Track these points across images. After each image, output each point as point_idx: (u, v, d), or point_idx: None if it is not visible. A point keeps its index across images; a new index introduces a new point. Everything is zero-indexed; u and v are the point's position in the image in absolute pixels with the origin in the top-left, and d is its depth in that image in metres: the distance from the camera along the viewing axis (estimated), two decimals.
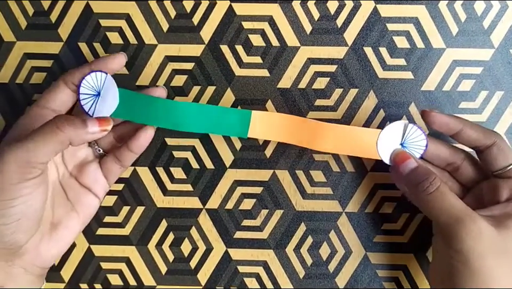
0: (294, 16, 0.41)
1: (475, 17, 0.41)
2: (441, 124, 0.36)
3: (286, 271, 0.42)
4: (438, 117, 0.36)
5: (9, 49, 0.42)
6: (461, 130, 0.35)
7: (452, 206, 0.33)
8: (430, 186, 0.33)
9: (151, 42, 0.42)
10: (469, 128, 0.35)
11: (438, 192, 0.33)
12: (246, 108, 0.41)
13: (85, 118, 0.35)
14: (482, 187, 0.37)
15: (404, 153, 0.36)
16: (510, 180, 0.35)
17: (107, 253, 0.42)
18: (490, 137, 0.35)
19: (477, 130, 0.36)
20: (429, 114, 0.36)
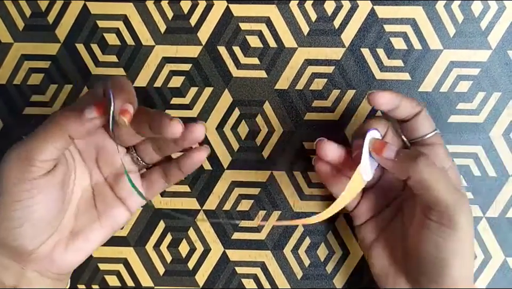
0: (291, 17, 0.41)
1: (472, 18, 0.41)
2: (387, 104, 0.34)
3: (284, 272, 0.42)
4: (387, 96, 0.34)
5: (6, 50, 0.42)
6: (399, 106, 0.34)
7: (450, 180, 0.33)
8: (428, 160, 0.32)
9: (148, 44, 0.42)
10: (404, 101, 0.34)
11: (435, 166, 0.33)
12: (244, 109, 0.41)
13: (84, 106, 0.31)
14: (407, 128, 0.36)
15: (380, 142, 0.35)
16: (429, 146, 0.35)
17: (105, 254, 0.42)
18: (418, 106, 0.35)
19: (411, 100, 0.35)
20: (377, 96, 0.33)
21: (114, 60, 0.42)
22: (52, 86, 0.42)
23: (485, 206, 0.41)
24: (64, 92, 0.42)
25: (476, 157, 0.41)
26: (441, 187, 0.32)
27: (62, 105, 0.42)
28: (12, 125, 0.42)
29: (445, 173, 0.33)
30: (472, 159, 0.41)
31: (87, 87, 0.42)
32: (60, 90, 0.42)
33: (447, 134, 0.41)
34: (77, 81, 0.42)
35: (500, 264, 0.41)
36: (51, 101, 0.42)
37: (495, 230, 0.41)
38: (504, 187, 0.41)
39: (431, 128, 0.36)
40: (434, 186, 0.32)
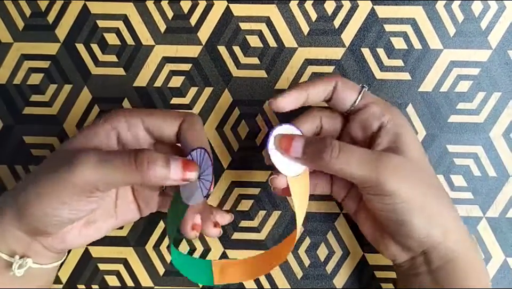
0: (292, 17, 0.41)
1: (472, 18, 0.41)
2: (291, 104, 0.34)
3: (284, 272, 0.42)
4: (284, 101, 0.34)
5: (6, 50, 0.42)
6: (307, 97, 0.34)
7: (362, 156, 0.32)
8: (333, 151, 0.32)
9: (148, 43, 0.42)
10: (312, 88, 0.34)
11: (342, 151, 0.32)
12: (244, 108, 0.41)
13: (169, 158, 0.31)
14: (353, 127, 0.36)
15: (286, 137, 0.34)
16: (363, 110, 0.35)
17: (104, 254, 0.42)
18: (330, 82, 0.35)
19: (318, 84, 0.34)
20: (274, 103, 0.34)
21: (114, 60, 0.42)
22: (51, 86, 0.42)
23: (485, 206, 0.41)
24: (64, 92, 0.42)
25: (476, 157, 0.41)
26: (354, 169, 0.32)
27: (62, 105, 0.42)
28: (12, 125, 0.42)
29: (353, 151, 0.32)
30: (472, 159, 0.41)
31: (87, 87, 0.42)
32: (60, 90, 0.42)
33: (447, 134, 0.41)
34: (77, 81, 0.42)
35: (500, 264, 0.41)
36: (51, 100, 0.42)
37: (495, 230, 0.41)
38: (504, 187, 0.41)
39: (355, 93, 0.35)
40: (348, 172, 0.32)
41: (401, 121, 0.35)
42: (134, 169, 0.30)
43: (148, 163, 0.30)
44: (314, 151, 0.33)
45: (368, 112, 0.35)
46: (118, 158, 0.30)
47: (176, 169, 0.31)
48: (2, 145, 0.42)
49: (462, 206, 0.41)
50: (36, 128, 0.42)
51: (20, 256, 0.33)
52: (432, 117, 0.41)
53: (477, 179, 0.41)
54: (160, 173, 0.30)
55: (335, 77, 0.35)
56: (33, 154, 0.42)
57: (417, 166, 0.33)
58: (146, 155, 0.30)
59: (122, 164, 0.30)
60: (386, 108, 0.35)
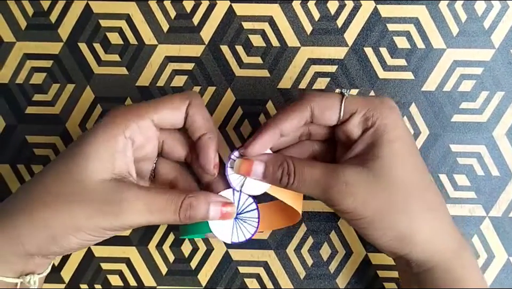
0: (294, 17, 0.41)
1: (476, 17, 0.41)
2: (263, 147, 0.34)
3: (287, 271, 0.42)
4: (255, 148, 0.33)
5: (9, 49, 0.42)
6: (281, 132, 0.33)
7: (314, 176, 0.32)
8: (288, 178, 0.33)
9: (151, 43, 0.42)
10: (284, 123, 0.33)
11: (296, 174, 0.32)
12: (247, 108, 0.41)
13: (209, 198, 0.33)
14: (339, 134, 0.35)
15: (245, 162, 0.34)
16: (349, 121, 0.33)
17: (107, 254, 0.42)
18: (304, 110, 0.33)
19: (290, 116, 0.33)
20: (245, 152, 0.34)
21: (117, 59, 0.42)
22: (54, 85, 0.42)
23: (488, 205, 0.41)
24: (67, 91, 0.42)
25: (479, 156, 0.41)
26: (308, 190, 0.33)
27: (64, 104, 0.42)
28: (15, 124, 0.42)
29: (306, 172, 0.32)
30: (476, 159, 0.41)
31: (90, 87, 0.42)
32: (63, 89, 0.42)
33: (450, 133, 0.41)
34: (80, 80, 0.42)
35: (503, 264, 0.41)
36: (53, 100, 0.42)
37: (498, 229, 0.41)
38: (507, 186, 0.41)
39: (336, 111, 0.33)
40: (304, 192, 0.33)
41: (382, 131, 0.32)
42: (177, 216, 0.31)
43: (191, 212, 0.32)
44: (273, 177, 0.33)
45: (350, 123, 0.33)
46: (166, 206, 0.31)
47: (215, 211, 0.33)
48: (5, 145, 0.42)
49: (465, 206, 0.41)
50: (38, 128, 0.42)
51: (26, 274, 0.33)
52: (435, 117, 0.41)
53: (480, 179, 0.41)
54: (200, 218, 0.32)
55: (308, 100, 0.33)
56: (36, 154, 0.42)
57: (378, 180, 0.32)
58: (189, 203, 0.32)
59: (169, 213, 0.31)
60: (369, 114, 0.33)
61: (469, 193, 0.41)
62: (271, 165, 0.34)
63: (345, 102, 0.33)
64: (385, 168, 0.32)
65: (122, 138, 0.32)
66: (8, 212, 0.31)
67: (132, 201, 0.30)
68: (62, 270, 0.42)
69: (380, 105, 0.33)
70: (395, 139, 0.32)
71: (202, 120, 0.33)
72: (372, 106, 0.33)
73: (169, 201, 0.31)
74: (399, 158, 0.32)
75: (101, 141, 0.31)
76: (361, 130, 0.33)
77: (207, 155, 0.33)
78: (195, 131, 0.34)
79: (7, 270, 0.32)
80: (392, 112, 0.33)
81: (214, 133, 0.34)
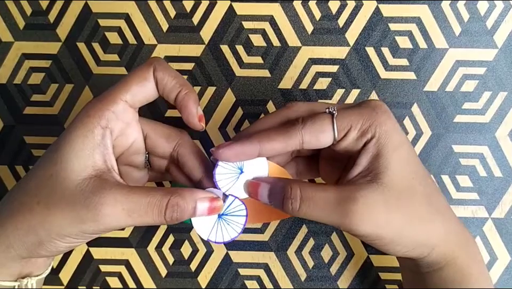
0: (295, 16, 0.41)
1: (478, 17, 0.40)
2: (235, 156, 0.31)
3: (288, 273, 0.41)
4: (227, 152, 0.31)
5: (7, 49, 0.41)
6: (260, 150, 0.31)
7: (327, 203, 0.30)
8: (293, 202, 0.30)
9: (151, 42, 0.41)
10: (266, 143, 0.31)
11: (304, 201, 0.30)
12: (247, 108, 0.41)
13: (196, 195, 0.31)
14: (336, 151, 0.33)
15: (251, 185, 0.33)
16: (345, 138, 0.31)
17: (106, 255, 0.42)
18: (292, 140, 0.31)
19: (275, 140, 0.31)
20: (216, 151, 0.31)
21: (116, 59, 0.41)
22: (52, 86, 0.41)
23: (491, 206, 0.41)
24: (65, 92, 0.41)
25: (482, 157, 0.41)
26: (320, 217, 0.30)
27: (63, 105, 0.41)
28: (12, 125, 0.42)
29: (317, 198, 0.30)
30: (478, 159, 0.41)
31: (88, 87, 0.41)
32: (61, 89, 0.41)
33: (452, 134, 0.41)
34: (78, 80, 0.41)
35: (506, 265, 0.41)
36: (52, 100, 0.42)
37: (501, 231, 0.41)
38: (510, 188, 0.41)
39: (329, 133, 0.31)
40: (314, 218, 0.31)
41: (384, 138, 0.31)
42: (163, 218, 0.30)
43: (178, 213, 0.30)
44: (278, 200, 0.31)
45: (348, 140, 0.31)
46: (147, 209, 0.30)
47: (202, 208, 0.31)
48: (3, 145, 0.42)
49: (467, 207, 0.41)
50: (36, 128, 0.42)
51: (23, 276, 0.33)
52: (438, 117, 0.41)
53: (483, 180, 0.41)
54: (187, 216, 0.31)
55: (297, 128, 0.31)
56: (34, 155, 0.42)
57: (393, 193, 0.31)
58: (175, 204, 0.30)
59: (151, 216, 0.30)
60: (366, 126, 0.31)
61: (471, 195, 0.41)
62: (276, 188, 0.32)
63: (337, 121, 0.31)
64: (397, 177, 0.31)
65: (99, 129, 0.30)
66: (1, 218, 0.31)
67: (111, 204, 0.29)
68: (60, 272, 0.42)
69: (373, 113, 0.31)
70: (399, 145, 0.31)
71: (171, 80, 0.32)
72: (366, 117, 0.31)
73: (151, 204, 0.30)
74: (406, 164, 0.32)
75: (77, 138, 0.30)
76: (362, 144, 0.32)
77: (188, 110, 0.32)
78: (169, 93, 0.32)
79: (5, 274, 0.32)
80: (387, 116, 0.32)
81: (188, 87, 0.32)
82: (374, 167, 0.31)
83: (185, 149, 0.34)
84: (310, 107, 0.33)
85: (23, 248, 0.30)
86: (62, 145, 0.30)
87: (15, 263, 0.32)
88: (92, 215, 0.29)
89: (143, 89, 0.32)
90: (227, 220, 0.33)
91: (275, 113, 0.33)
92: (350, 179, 0.32)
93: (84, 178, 0.30)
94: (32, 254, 0.31)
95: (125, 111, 0.32)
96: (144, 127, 0.34)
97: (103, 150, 0.31)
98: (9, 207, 0.31)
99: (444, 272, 0.32)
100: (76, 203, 0.29)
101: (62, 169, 0.30)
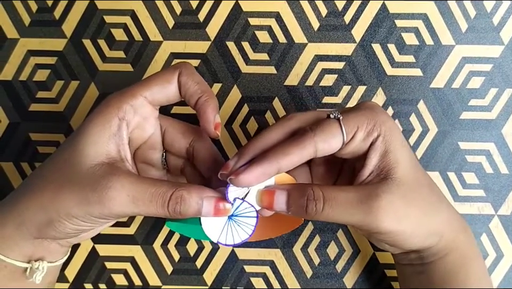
0: (301, 13, 0.41)
1: (485, 13, 0.40)
2: (256, 179, 0.30)
3: (293, 270, 0.41)
4: (247, 177, 0.30)
5: (12, 46, 0.41)
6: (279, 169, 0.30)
7: (350, 202, 0.30)
8: (317, 204, 0.30)
9: (156, 39, 0.41)
10: (284, 160, 0.30)
11: (327, 202, 0.30)
12: (253, 105, 0.41)
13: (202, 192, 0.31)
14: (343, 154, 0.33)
15: (266, 194, 0.32)
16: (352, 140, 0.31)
17: (112, 253, 0.42)
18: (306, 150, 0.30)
19: (291, 154, 0.30)
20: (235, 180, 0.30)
21: (122, 56, 0.41)
22: (58, 82, 0.41)
23: (497, 203, 0.41)
24: (71, 88, 0.41)
25: (488, 154, 0.41)
26: (345, 217, 0.30)
27: (68, 102, 0.41)
28: (18, 122, 0.42)
29: (339, 197, 0.30)
30: (485, 156, 0.41)
31: (94, 84, 0.41)
32: (67, 86, 0.41)
33: (459, 131, 0.41)
34: (84, 77, 0.41)
35: None
36: (57, 97, 0.41)
37: (507, 228, 0.41)
38: None
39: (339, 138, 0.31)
40: (338, 220, 0.31)
41: (389, 136, 0.32)
42: (166, 210, 0.30)
43: (181, 206, 0.30)
44: (298, 205, 0.31)
45: (355, 141, 0.32)
46: (151, 198, 0.30)
47: (208, 207, 0.31)
48: (8, 142, 0.42)
49: (474, 204, 0.41)
50: (42, 125, 0.42)
51: (35, 259, 0.33)
52: (444, 114, 0.41)
53: (489, 177, 0.41)
54: (192, 213, 0.31)
55: (311, 137, 0.30)
56: (40, 152, 0.42)
57: (407, 187, 0.31)
58: (179, 196, 0.30)
59: (155, 206, 0.30)
60: (371, 125, 0.31)
61: (477, 191, 0.41)
62: (295, 192, 0.31)
63: (344, 124, 0.31)
64: (407, 171, 0.32)
65: (116, 120, 0.32)
66: (15, 198, 0.32)
67: (117, 189, 0.30)
68: (66, 269, 0.41)
69: (373, 113, 0.32)
70: (403, 141, 0.32)
71: (194, 85, 0.32)
72: (369, 117, 0.32)
73: (156, 194, 0.30)
74: (412, 157, 0.33)
75: (95, 126, 0.31)
76: (369, 143, 0.32)
77: (206, 116, 0.32)
78: (190, 98, 0.33)
79: (17, 254, 0.33)
80: (386, 115, 0.32)
81: (209, 94, 0.33)
82: (385, 164, 0.31)
83: (200, 144, 0.34)
84: (313, 116, 0.33)
85: (34, 227, 0.31)
86: (80, 132, 0.32)
87: (27, 243, 0.32)
88: (97, 197, 0.30)
89: (164, 90, 0.32)
90: (237, 221, 0.33)
91: (278, 125, 0.32)
92: (362, 181, 0.32)
93: (96, 164, 0.31)
94: (42, 233, 0.32)
95: (143, 106, 0.33)
96: (162, 122, 0.35)
97: (118, 141, 0.32)
98: (25, 187, 0.32)
99: (447, 258, 0.33)
100: (85, 185, 0.30)
101: (77, 154, 0.31)
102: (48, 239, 0.33)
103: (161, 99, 0.33)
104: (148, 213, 0.30)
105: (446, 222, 0.33)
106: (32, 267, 0.33)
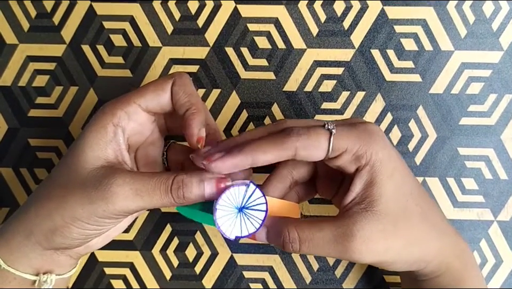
0: (300, 18, 0.41)
1: (484, 19, 0.40)
2: (227, 169, 0.31)
3: (292, 276, 0.41)
4: (220, 165, 0.31)
5: (11, 51, 0.41)
6: (252, 162, 0.31)
7: (327, 240, 0.31)
8: (293, 244, 0.31)
9: (155, 45, 0.41)
10: (260, 155, 0.30)
11: (303, 242, 0.31)
12: (252, 111, 0.41)
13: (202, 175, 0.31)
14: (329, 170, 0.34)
15: None
16: (339, 158, 0.32)
17: (111, 258, 0.42)
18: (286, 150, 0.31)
19: (268, 151, 0.31)
20: (208, 165, 0.31)
21: (121, 61, 0.41)
22: (57, 88, 0.41)
23: (496, 209, 0.41)
24: (70, 94, 0.41)
25: (487, 160, 0.41)
26: (323, 252, 0.31)
27: (67, 107, 0.41)
28: (17, 127, 0.42)
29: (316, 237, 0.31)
30: (484, 162, 0.41)
31: (93, 89, 0.41)
32: (66, 92, 0.41)
33: (458, 136, 0.40)
34: (83, 83, 0.41)
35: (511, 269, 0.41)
36: (56, 103, 0.41)
37: (507, 233, 0.41)
38: None
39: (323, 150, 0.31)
40: (317, 254, 0.32)
41: (378, 166, 0.31)
42: (170, 196, 0.31)
43: (184, 190, 0.31)
44: (277, 243, 0.32)
45: (341, 160, 0.31)
46: (154, 187, 0.31)
47: (210, 187, 0.31)
48: (7, 148, 0.42)
49: (473, 210, 0.41)
50: (41, 131, 0.42)
51: (44, 272, 0.34)
52: (443, 119, 0.41)
53: (488, 182, 0.41)
54: (195, 196, 0.31)
55: (293, 141, 0.30)
56: (39, 157, 0.42)
57: (390, 219, 0.31)
58: (180, 181, 0.31)
59: (159, 194, 0.31)
60: (362, 152, 0.31)
61: (477, 197, 0.41)
62: (273, 230, 0.32)
63: (334, 140, 0.31)
64: (392, 203, 0.31)
65: (111, 126, 0.33)
66: (24, 210, 0.33)
67: (120, 184, 0.30)
68: None
69: (370, 139, 0.31)
70: (393, 172, 0.32)
71: (184, 96, 0.33)
72: (363, 142, 0.31)
73: (158, 182, 0.31)
74: (401, 187, 0.32)
75: (92, 133, 0.32)
76: (355, 168, 0.32)
77: (190, 129, 0.32)
78: (179, 109, 0.33)
79: (26, 266, 0.33)
80: (384, 144, 0.32)
81: (197, 107, 0.33)
82: (368, 194, 0.31)
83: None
84: (305, 123, 0.32)
85: (42, 235, 0.32)
86: (80, 139, 0.33)
87: (36, 255, 0.33)
88: (101, 194, 0.30)
89: (157, 98, 0.33)
90: (247, 214, 0.32)
91: (266, 127, 0.33)
92: (345, 206, 0.32)
93: (97, 167, 0.32)
94: (50, 241, 0.32)
95: (137, 113, 0.34)
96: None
97: (115, 146, 0.33)
98: (35, 196, 0.33)
99: (440, 279, 0.34)
100: (87, 186, 0.31)
101: (78, 159, 0.32)
102: (58, 252, 0.34)
103: (154, 107, 0.34)
104: (152, 203, 0.31)
105: (435, 250, 0.33)
106: (40, 280, 0.33)
